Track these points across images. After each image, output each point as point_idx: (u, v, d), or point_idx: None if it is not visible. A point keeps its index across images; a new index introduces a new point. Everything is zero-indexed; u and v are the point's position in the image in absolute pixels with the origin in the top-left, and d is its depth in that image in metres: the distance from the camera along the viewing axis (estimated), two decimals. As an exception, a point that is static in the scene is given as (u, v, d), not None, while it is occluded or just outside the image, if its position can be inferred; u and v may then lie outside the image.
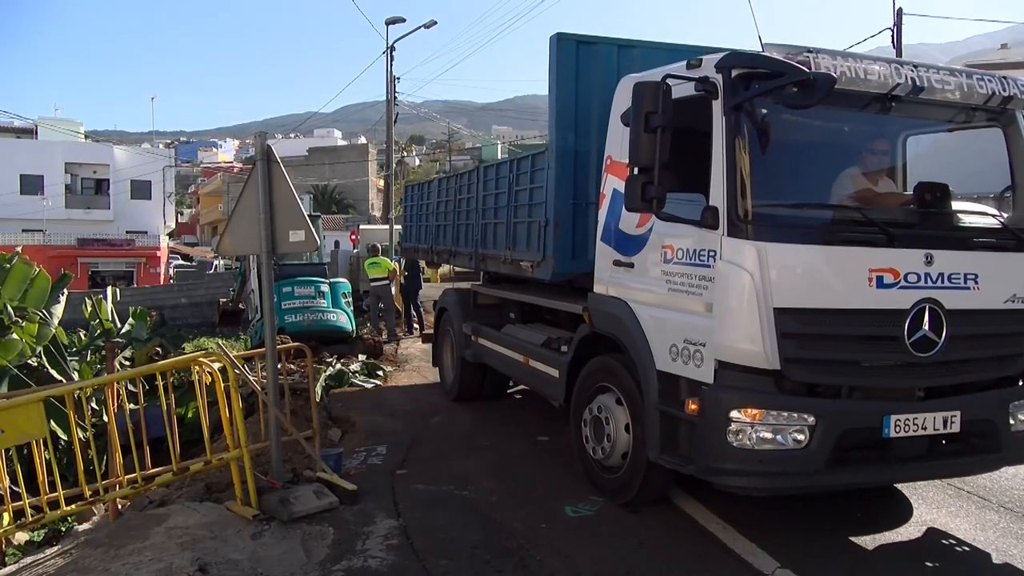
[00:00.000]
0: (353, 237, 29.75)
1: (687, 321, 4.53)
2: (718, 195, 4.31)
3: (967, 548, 4.61)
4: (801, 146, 4.80)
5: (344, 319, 12.86)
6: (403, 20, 25.60)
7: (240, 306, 15.70)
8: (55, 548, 5.41)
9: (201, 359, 5.61)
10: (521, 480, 5.89)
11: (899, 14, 21.82)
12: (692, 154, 4.45)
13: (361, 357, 11.68)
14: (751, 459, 4.20)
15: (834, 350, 4.33)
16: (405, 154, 78.08)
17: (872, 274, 4.25)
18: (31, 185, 39.32)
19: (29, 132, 46.16)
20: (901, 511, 5.17)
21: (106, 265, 39.38)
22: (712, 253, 4.37)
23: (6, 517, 5.11)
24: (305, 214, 5.64)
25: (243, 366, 6.21)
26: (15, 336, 10.22)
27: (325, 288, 12.86)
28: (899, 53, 22.28)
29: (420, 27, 25.27)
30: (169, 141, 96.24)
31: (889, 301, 4.28)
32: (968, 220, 4.78)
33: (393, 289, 16.13)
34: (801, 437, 4.17)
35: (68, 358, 11.32)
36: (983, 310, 4.53)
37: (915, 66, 4.52)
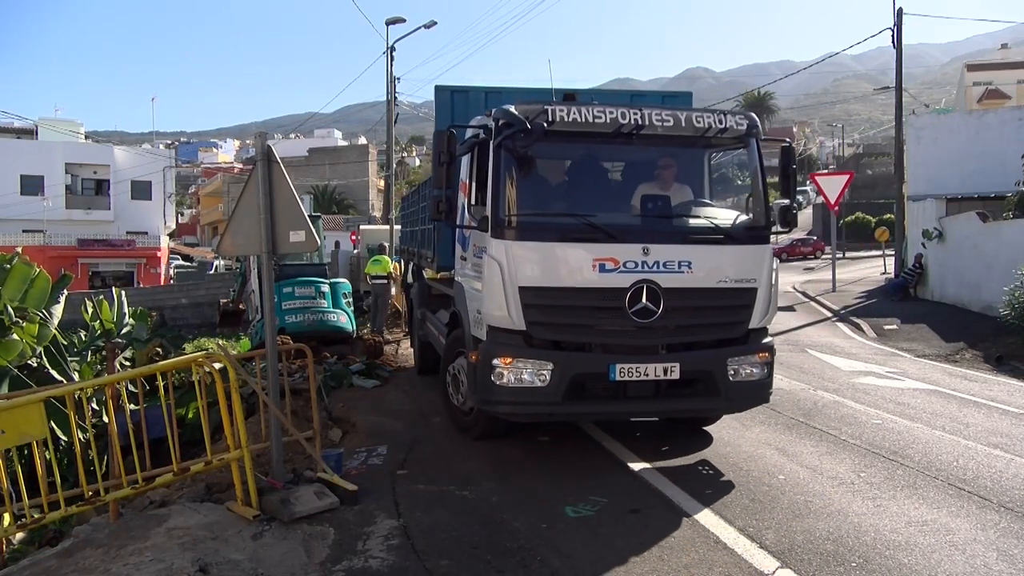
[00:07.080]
0: (353, 237, 29.80)
1: (478, 296, 6.06)
2: (490, 207, 5.81)
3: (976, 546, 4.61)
4: (551, 171, 6.29)
5: (344, 319, 12.86)
6: (403, 20, 25.64)
7: (241, 307, 15.70)
8: (55, 548, 5.40)
9: (201, 359, 5.61)
10: (521, 480, 5.90)
11: (899, 14, 21.84)
12: (486, 178, 6.00)
13: (361, 357, 11.68)
14: (509, 393, 5.71)
15: (568, 316, 5.78)
16: (405, 154, 78.14)
17: (596, 262, 5.62)
18: (31, 186, 39.36)
19: (29, 132, 46.25)
20: (896, 510, 5.18)
21: (106, 265, 39.45)
22: (485, 248, 5.85)
23: (6, 518, 5.10)
24: (305, 214, 5.65)
25: (243, 367, 6.21)
26: (15, 337, 10.24)
27: (325, 288, 12.87)
28: (899, 53, 22.30)
29: (420, 27, 25.33)
30: (169, 141, 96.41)
31: (610, 281, 5.64)
32: (688, 222, 6.15)
33: (393, 289, 16.11)
34: (543, 378, 5.63)
35: (68, 359, 11.34)
36: (697, 288, 5.83)
37: (640, 108, 5.85)
